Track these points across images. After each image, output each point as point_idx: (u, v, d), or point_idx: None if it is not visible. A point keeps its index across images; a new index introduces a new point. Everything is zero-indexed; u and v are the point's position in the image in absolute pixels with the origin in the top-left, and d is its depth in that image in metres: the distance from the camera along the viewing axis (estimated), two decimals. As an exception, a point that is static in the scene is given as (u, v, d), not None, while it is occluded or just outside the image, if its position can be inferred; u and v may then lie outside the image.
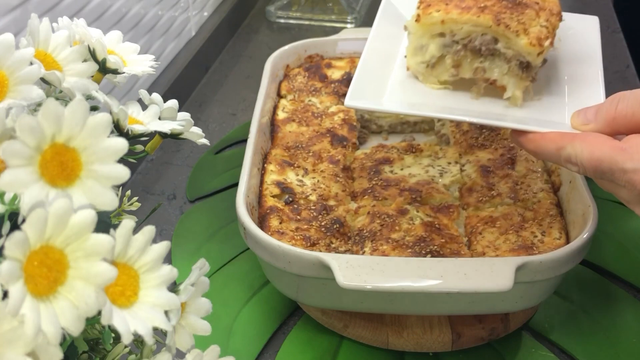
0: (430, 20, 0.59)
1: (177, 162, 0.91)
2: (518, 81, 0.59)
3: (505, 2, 0.59)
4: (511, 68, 0.58)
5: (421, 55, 0.61)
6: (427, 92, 0.61)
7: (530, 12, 0.58)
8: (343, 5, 1.25)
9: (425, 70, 0.61)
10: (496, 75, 0.59)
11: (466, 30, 0.58)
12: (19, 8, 0.68)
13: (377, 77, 0.62)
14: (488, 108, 0.59)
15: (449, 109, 0.59)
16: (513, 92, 0.59)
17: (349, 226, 0.67)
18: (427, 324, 0.64)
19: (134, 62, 0.48)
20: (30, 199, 0.31)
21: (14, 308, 0.28)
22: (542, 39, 0.57)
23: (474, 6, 0.58)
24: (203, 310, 0.41)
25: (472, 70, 0.59)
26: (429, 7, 0.59)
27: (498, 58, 0.59)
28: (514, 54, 0.58)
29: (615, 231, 0.77)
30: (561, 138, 0.52)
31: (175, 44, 1.04)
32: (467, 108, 0.59)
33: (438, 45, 0.60)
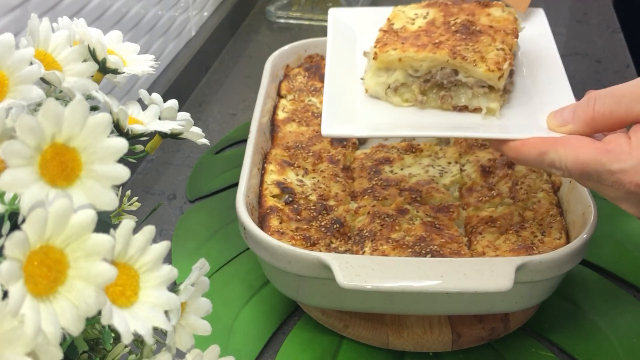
0: (387, 58, 0.60)
1: (177, 162, 0.91)
2: (489, 96, 0.59)
3: (459, 35, 0.60)
4: (475, 92, 0.59)
5: (385, 78, 0.61)
6: (397, 110, 0.61)
7: (485, 39, 0.60)
8: (343, 5, 1.25)
9: (386, 91, 0.62)
10: (464, 101, 0.60)
11: (426, 67, 0.60)
12: (19, 8, 0.68)
13: (345, 102, 0.62)
14: (464, 119, 0.60)
15: (426, 125, 0.60)
16: (487, 105, 0.59)
17: (349, 226, 0.67)
18: (427, 324, 0.64)
19: (134, 62, 0.48)
20: (30, 199, 0.31)
21: (14, 308, 0.28)
22: (500, 62, 0.58)
23: (429, 43, 0.60)
24: (203, 310, 0.41)
25: (439, 99, 0.60)
26: (385, 45, 0.61)
27: (462, 87, 0.60)
28: (475, 81, 0.59)
29: (615, 231, 0.77)
30: (543, 143, 0.52)
31: (175, 44, 1.04)
32: (442, 121, 0.60)
33: (404, 74, 0.61)
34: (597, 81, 1.08)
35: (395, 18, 0.64)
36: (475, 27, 0.61)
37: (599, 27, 1.25)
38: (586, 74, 1.09)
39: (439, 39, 0.60)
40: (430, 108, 0.61)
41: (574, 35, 1.23)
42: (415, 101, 0.61)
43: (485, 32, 0.61)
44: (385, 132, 0.63)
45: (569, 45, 1.19)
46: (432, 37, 0.60)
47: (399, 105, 0.61)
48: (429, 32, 0.61)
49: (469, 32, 0.61)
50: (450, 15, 0.63)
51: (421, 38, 0.61)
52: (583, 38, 1.22)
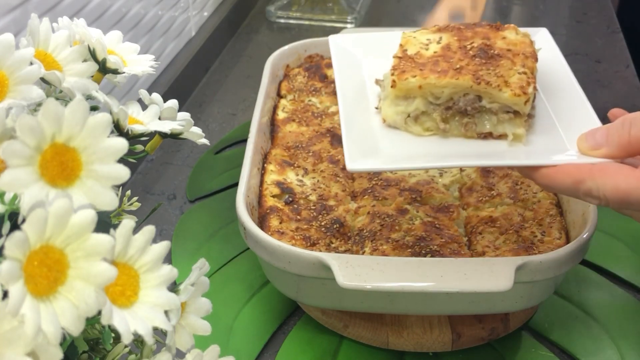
0: (406, 85, 0.57)
1: (177, 162, 0.91)
2: (514, 122, 0.57)
3: (478, 60, 0.58)
4: (501, 118, 0.57)
5: (404, 107, 0.58)
6: (418, 140, 0.58)
7: (506, 62, 0.57)
8: (343, 5, 1.25)
9: (406, 120, 0.58)
10: (488, 128, 0.57)
11: (448, 94, 0.57)
12: (19, 8, 0.68)
13: (364, 134, 0.59)
14: (489, 146, 0.57)
15: (452, 154, 0.57)
16: (514, 132, 0.57)
17: (349, 226, 0.67)
18: (427, 324, 0.64)
19: (134, 62, 0.48)
20: (30, 199, 0.31)
21: (14, 308, 0.28)
22: (525, 86, 0.55)
23: (449, 69, 0.57)
24: (203, 310, 0.41)
25: (462, 126, 0.57)
26: (403, 72, 0.58)
27: (486, 113, 0.57)
28: (500, 106, 0.56)
29: (615, 231, 0.77)
30: (578, 171, 0.49)
31: (175, 44, 1.04)
32: (467, 150, 0.57)
33: (424, 102, 0.58)
34: (597, 81, 1.08)
35: (408, 44, 0.61)
36: (493, 50, 0.58)
37: (599, 27, 1.25)
38: (586, 74, 1.09)
39: (459, 64, 0.57)
40: (453, 136, 0.58)
41: (574, 35, 1.23)
42: (437, 130, 0.58)
43: (504, 55, 0.58)
44: (411, 165, 0.59)
45: (569, 45, 1.19)
46: (451, 63, 0.57)
47: (419, 134, 0.58)
48: (447, 58, 0.58)
49: (488, 56, 0.58)
50: (465, 39, 0.60)
51: (440, 64, 0.58)
52: (583, 38, 1.22)
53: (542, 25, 1.27)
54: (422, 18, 1.27)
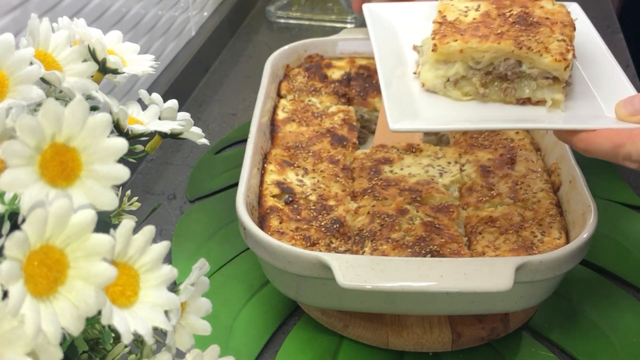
0: (447, 49, 0.58)
1: (177, 162, 0.91)
2: (553, 87, 0.58)
3: (518, 26, 0.58)
4: (540, 84, 0.58)
5: (444, 70, 0.59)
6: (457, 104, 0.59)
7: (545, 30, 0.58)
8: (343, 5, 1.25)
9: (445, 85, 0.59)
10: (527, 93, 0.58)
11: (489, 58, 0.58)
12: (19, 8, 0.68)
13: (405, 96, 0.60)
14: (527, 112, 0.58)
15: (490, 118, 0.58)
16: (553, 97, 0.58)
17: (349, 226, 0.67)
18: (427, 324, 0.64)
19: (134, 62, 0.48)
20: (30, 199, 0.31)
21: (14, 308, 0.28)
22: (565, 52, 0.56)
23: (490, 34, 0.58)
24: (203, 310, 0.41)
25: (501, 92, 0.58)
26: (444, 37, 0.59)
27: (525, 78, 0.58)
28: (539, 72, 0.57)
29: (615, 231, 0.77)
30: (617, 135, 0.51)
31: (175, 44, 1.04)
32: (506, 115, 0.58)
33: (464, 67, 0.59)
34: (597, 81, 1.08)
35: (446, 10, 0.62)
36: (532, 18, 0.59)
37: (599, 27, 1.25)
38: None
39: (500, 29, 0.58)
40: (491, 101, 0.59)
41: (574, 35, 1.23)
42: (477, 94, 0.59)
43: (543, 23, 0.59)
44: (453, 126, 0.61)
45: (569, 45, 1.19)
46: (491, 29, 0.58)
47: (458, 99, 0.59)
48: (487, 24, 0.59)
49: (528, 23, 0.59)
50: (503, 7, 0.61)
51: (481, 29, 0.58)
52: (583, 38, 1.21)
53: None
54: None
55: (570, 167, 0.68)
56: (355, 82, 0.86)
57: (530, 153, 0.75)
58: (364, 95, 0.85)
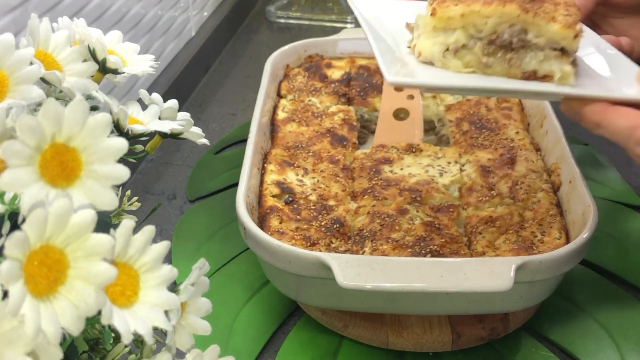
0: (447, 13, 0.54)
1: (177, 162, 0.91)
2: (561, 60, 0.54)
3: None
4: (547, 55, 0.54)
5: (443, 38, 0.55)
6: (456, 76, 0.55)
7: (549, 6, 0.55)
8: (343, 5, 1.25)
9: (445, 54, 0.55)
10: (533, 65, 0.54)
11: (492, 24, 0.54)
12: (19, 8, 0.68)
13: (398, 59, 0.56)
14: (534, 87, 0.54)
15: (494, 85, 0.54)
16: (562, 69, 0.53)
17: (349, 226, 0.67)
18: (427, 324, 0.64)
19: (134, 62, 0.48)
20: (30, 199, 0.31)
21: (14, 308, 0.28)
22: (573, 23, 0.53)
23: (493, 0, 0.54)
24: (203, 310, 0.41)
25: (505, 62, 0.54)
26: (444, 1, 0.55)
27: (531, 49, 0.54)
28: (546, 41, 0.53)
29: (615, 231, 0.77)
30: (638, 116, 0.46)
31: (175, 44, 1.04)
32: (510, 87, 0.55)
33: (465, 35, 0.55)
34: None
35: None
36: None
37: (599, 27, 1.25)
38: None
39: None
40: (494, 74, 0.55)
41: (574, 35, 1.23)
42: (479, 65, 0.55)
43: (547, 0, 0.55)
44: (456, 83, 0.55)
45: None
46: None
47: (457, 70, 0.55)
48: None
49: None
50: None
51: None
52: (583, 38, 1.21)
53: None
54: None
55: (570, 167, 0.68)
56: (355, 82, 0.86)
57: (530, 153, 0.75)
58: (364, 95, 0.85)
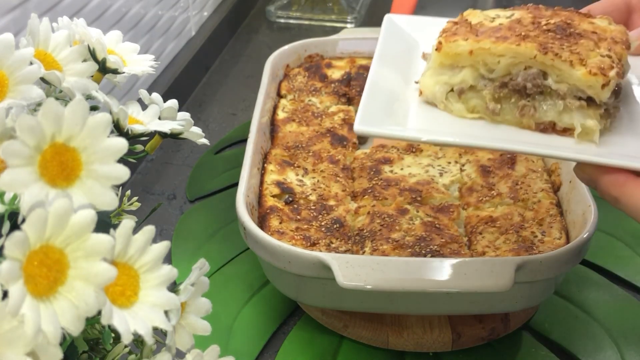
0: (455, 49, 0.47)
1: (177, 162, 0.91)
2: (586, 112, 0.46)
3: (552, 34, 0.47)
4: (568, 105, 0.46)
5: (448, 77, 0.49)
6: (458, 121, 0.48)
7: (587, 42, 0.46)
8: (343, 5, 1.25)
9: (448, 95, 0.49)
10: (551, 116, 0.46)
11: (505, 65, 0.46)
12: (19, 8, 0.68)
13: (390, 100, 0.50)
14: (550, 142, 0.46)
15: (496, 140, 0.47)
16: (583, 124, 0.45)
17: (349, 226, 0.67)
18: (427, 324, 0.64)
19: (134, 62, 0.48)
20: (30, 199, 0.31)
21: (14, 308, 0.28)
22: (606, 68, 0.44)
23: (511, 36, 0.46)
24: (203, 310, 0.41)
25: (517, 110, 0.47)
26: (454, 35, 0.48)
27: (550, 96, 0.46)
28: (569, 88, 0.45)
29: (615, 231, 0.77)
30: None
31: (175, 44, 1.03)
32: (519, 139, 0.47)
33: (473, 75, 0.48)
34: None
35: (471, 15, 0.51)
36: (573, 29, 0.47)
37: (599, 27, 1.25)
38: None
39: (526, 32, 0.47)
40: (503, 123, 0.47)
41: (574, 35, 1.23)
42: (485, 111, 0.47)
43: (586, 36, 0.47)
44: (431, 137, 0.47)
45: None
46: (516, 32, 0.47)
47: (461, 115, 0.48)
48: (514, 28, 0.47)
49: (566, 33, 0.47)
50: (541, 17, 0.49)
51: (502, 32, 0.47)
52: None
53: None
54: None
55: (571, 167, 0.68)
56: (356, 82, 0.86)
57: (530, 153, 0.74)
58: (364, 95, 0.85)
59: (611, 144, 0.45)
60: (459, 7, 1.33)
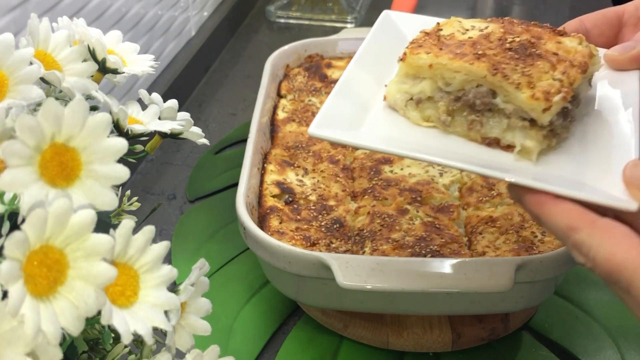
0: (416, 61, 0.50)
1: (177, 162, 0.91)
2: (528, 132, 0.48)
3: (511, 53, 0.49)
4: (512, 124, 0.48)
5: (409, 86, 0.52)
6: (412, 128, 0.51)
7: (543, 65, 0.48)
8: (343, 5, 1.25)
9: (407, 103, 0.52)
10: (496, 132, 0.49)
11: (460, 81, 0.49)
12: (19, 8, 0.68)
13: (353, 105, 0.52)
14: (492, 156, 0.49)
15: (440, 150, 0.49)
16: (522, 143, 0.48)
17: (349, 226, 0.67)
18: (427, 324, 0.64)
19: (134, 61, 0.48)
20: (30, 199, 0.31)
21: (14, 308, 0.28)
22: (552, 93, 0.46)
23: (470, 53, 0.49)
24: (203, 310, 0.41)
25: (466, 124, 0.50)
26: (419, 47, 0.51)
27: (497, 114, 0.49)
28: (514, 109, 0.48)
29: (615, 231, 0.77)
30: (580, 216, 0.41)
31: (175, 43, 1.03)
32: (463, 153, 0.49)
33: (432, 87, 0.51)
34: (597, 81, 1.07)
35: (447, 25, 0.54)
36: (535, 49, 0.50)
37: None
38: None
39: (485, 50, 0.49)
40: (454, 134, 0.50)
41: (574, 35, 1.23)
42: (438, 121, 0.50)
43: (545, 57, 0.49)
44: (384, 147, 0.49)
45: (569, 45, 1.19)
46: (476, 49, 0.50)
47: (416, 122, 0.51)
48: (477, 44, 0.50)
49: (526, 53, 0.49)
50: (511, 33, 0.51)
51: (464, 47, 0.50)
52: (583, 38, 1.21)
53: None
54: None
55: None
56: (355, 82, 0.86)
57: (530, 153, 0.74)
58: (364, 95, 0.85)
59: (549, 164, 0.48)
60: (459, 7, 1.33)
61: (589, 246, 0.40)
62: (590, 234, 0.40)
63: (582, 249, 0.40)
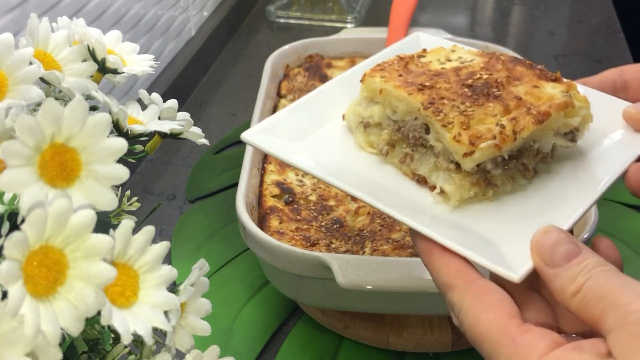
0: (371, 84, 0.49)
1: (177, 162, 0.91)
2: (453, 176, 0.45)
3: (466, 90, 0.46)
4: (439, 164, 0.45)
5: (362, 108, 0.51)
6: (354, 152, 0.50)
7: (495, 108, 0.45)
8: (343, 5, 1.25)
9: (358, 125, 0.51)
10: (422, 170, 0.47)
11: (402, 111, 0.47)
12: (19, 8, 0.68)
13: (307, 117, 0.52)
14: (416, 194, 0.46)
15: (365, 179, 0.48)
16: (442, 186, 0.45)
17: (349, 226, 0.67)
18: (428, 324, 0.64)
19: (134, 61, 0.48)
20: (30, 199, 0.31)
21: (14, 308, 0.28)
22: (480, 138, 0.43)
23: (418, 83, 0.47)
24: (203, 310, 0.41)
25: (399, 156, 0.48)
26: (380, 70, 0.50)
27: (429, 151, 0.46)
28: (442, 148, 0.45)
29: (615, 231, 0.77)
30: (458, 275, 0.38)
31: (175, 43, 1.03)
32: (388, 185, 0.47)
33: (381, 113, 0.49)
34: (597, 81, 1.08)
35: (433, 53, 0.52)
36: (497, 91, 0.46)
37: (599, 27, 1.25)
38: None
39: (435, 84, 0.47)
40: (390, 165, 0.49)
41: (574, 35, 1.23)
42: (378, 149, 0.49)
43: (502, 100, 0.45)
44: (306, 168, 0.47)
45: (569, 45, 1.19)
46: (431, 80, 0.47)
47: (362, 146, 0.50)
48: (436, 77, 0.48)
49: (483, 92, 0.46)
50: (489, 69, 0.48)
51: (421, 77, 0.48)
52: (584, 38, 1.22)
53: (541, 24, 1.27)
54: (424, 18, 1.27)
55: (571, 167, 0.68)
56: (355, 82, 0.86)
57: (531, 153, 0.74)
58: (364, 95, 0.85)
59: (472, 214, 0.44)
60: (459, 7, 1.33)
61: (459, 308, 0.38)
62: (463, 295, 0.38)
63: (453, 309, 0.38)
